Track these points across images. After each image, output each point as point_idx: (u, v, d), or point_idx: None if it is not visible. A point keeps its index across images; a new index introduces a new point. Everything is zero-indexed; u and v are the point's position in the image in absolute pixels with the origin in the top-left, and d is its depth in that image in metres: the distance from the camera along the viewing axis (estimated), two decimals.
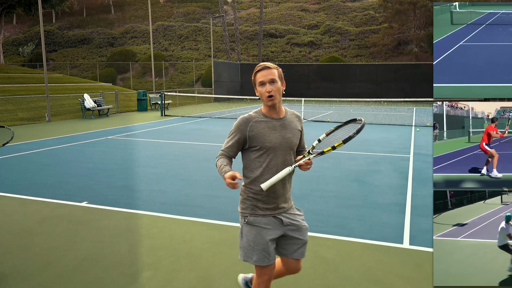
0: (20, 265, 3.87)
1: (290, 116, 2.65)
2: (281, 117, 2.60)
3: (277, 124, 2.57)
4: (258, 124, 2.55)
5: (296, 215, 2.70)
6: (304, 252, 2.72)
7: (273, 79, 2.50)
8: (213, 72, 31.06)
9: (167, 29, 50.73)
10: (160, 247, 4.30)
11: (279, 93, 2.54)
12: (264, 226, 2.58)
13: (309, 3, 55.79)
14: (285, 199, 2.64)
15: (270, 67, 2.52)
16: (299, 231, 2.68)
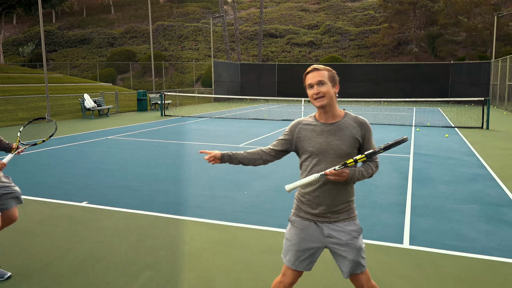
0: (20, 265, 3.87)
1: (346, 122, 2.46)
2: (332, 122, 2.47)
3: (325, 129, 2.46)
4: (306, 127, 2.52)
5: (345, 231, 2.49)
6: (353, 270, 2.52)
7: (321, 80, 2.42)
8: (213, 72, 31.06)
9: (167, 29, 50.74)
10: (160, 247, 4.30)
11: (329, 96, 2.41)
12: (303, 229, 2.55)
13: (309, 3, 55.79)
14: (333, 209, 2.48)
15: (319, 69, 2.44)
16: (344, 248, 2.50)
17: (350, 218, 2.52)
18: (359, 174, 2.45)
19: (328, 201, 2.47)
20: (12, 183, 3.57)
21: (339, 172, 2.35)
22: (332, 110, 2.47)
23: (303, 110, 19.32)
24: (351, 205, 2.53)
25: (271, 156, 2.68)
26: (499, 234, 4.65)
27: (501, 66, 24.91)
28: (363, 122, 2.48)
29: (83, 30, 54.25)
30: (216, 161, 2.67)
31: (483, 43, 36.91)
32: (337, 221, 2.50)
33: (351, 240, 2.48)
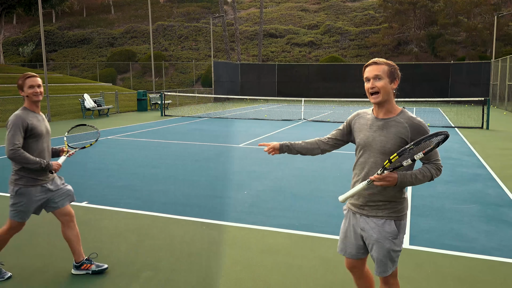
0: (20, 265, 3.87)
1: (398, 120, 2.40)
2: (385, 118, 2.43)
3: (376, 123, 2.45)
4: (361, 119, 2.56)
5: (378, 228, 2.45)
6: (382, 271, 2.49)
7: (377, 75, 2.38)
8: (213, 72, 31.07)
9: (167, 29, 50.74)
10: (160, 247, 4.30)
11: (385, 91, 2.38)
12: (347, 218, 2.63)
13: (309, 3, 55.79)
14: (371, 203, 2.47)
15: (377, 63, 2.40)
16: (372, 244, 2.48)
17: (389, 218, 2.45)
18: (412, 177, 2.35)
19: (367, 194, 2.48)
20: (64, 183, 3.71)
21: (383, 176, 2.30)
22: (387, 106, 2.43)
23: (303, 110, 19.32)
24: (394, 205, 2.45)
25: (328, 145, 2.74)
26: (499, 234, 4.65)
27: (501, 66, 24.91)
28: (417, 124, 2.37)
29: (83, 30, 54.26)
30: (275, 151, 2.76)
31: (483, 43, 36.91)
32: (374, 216, 2.47)
33: (382, 239, 2.44)
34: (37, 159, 3.36)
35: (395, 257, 2.47)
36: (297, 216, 5.25)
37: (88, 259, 3.74)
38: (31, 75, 3.43)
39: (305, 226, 4.89)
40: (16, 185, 3.41)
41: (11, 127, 3.31)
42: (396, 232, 2.44)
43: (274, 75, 36.40)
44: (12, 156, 3.28)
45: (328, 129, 14.38)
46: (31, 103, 3.45)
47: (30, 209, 3.49)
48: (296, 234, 4.66)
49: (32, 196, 3.44)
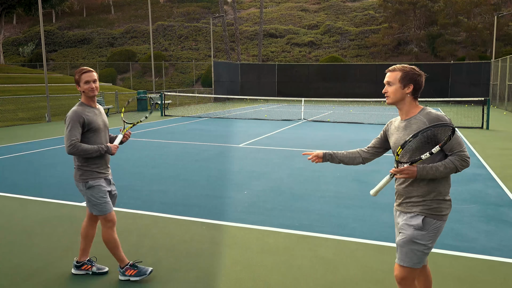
0: (20, 265, 3.87)
1: (417, 118, 2.56)
2: (405, 119, 2.62)
3: (401, 125, 2.64)
4: (392, 125, 2.75)
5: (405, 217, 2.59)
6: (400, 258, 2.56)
7: (389, 81, 2.61)
8: (213, 72, 31.06)
9: (167, 29, 50.73)
10: (160, 247, 4.30)
11: (394, 95, 2.59)
12: (395, 217, 2.74)
13: (309, 3, 55.79)
14: (407, 200, 2.59)
15: (392, 70, 2.62)
16: (400, 229, 2.61)
17: (421, 213, 2.53)
18: (433, 170, 2.46)
19: (404, 192, 2.61)
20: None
21: (401, 169, 2.46)
22: (405, 108, 2.61)
23: (303, 110, 19.32)
24: (428, 203, 2.53)
25: (369, 154, 2.91)
26: (499, 234, 4.65)
27: (501, 66, 24.91)
28: (434, 117, 2.49)
29: (83, 30, 54.25)
30: (319, 160, 2.91)
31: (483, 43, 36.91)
32: (409, 212, 2.59)
33: (404, 226, 2.56)
34: (95, 146, 3.41)
35: (417, 250, 2.50)
36: (297, 216, 5.25)
37: (90, 260, 3.75)
38: (87, 70, 3.46)
39: (305, 226, 4.89)
40: (83, 181, 3.45)
41: (68, 123, 3.35)
42: (421, 225, 2.51)
43: (274, 75, 36.40)
44: (71, 151, 3.32)
45: (328, 129, 14.39)
46: (87, 98, 3.50)
47: (108, 198, 3.52)
48: (296, 234, 4.66)
49: (101, 186, 3.49)
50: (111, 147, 3.54)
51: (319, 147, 10.51)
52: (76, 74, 3.45)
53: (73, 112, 3.39)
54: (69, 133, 3.33)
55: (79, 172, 3.47)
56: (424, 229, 2.51)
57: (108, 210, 3.50)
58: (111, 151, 3.52)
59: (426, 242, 2.51)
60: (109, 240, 3.52)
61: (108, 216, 3.50)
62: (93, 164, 3.47)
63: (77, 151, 3.32)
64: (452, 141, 2.47)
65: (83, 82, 3.42)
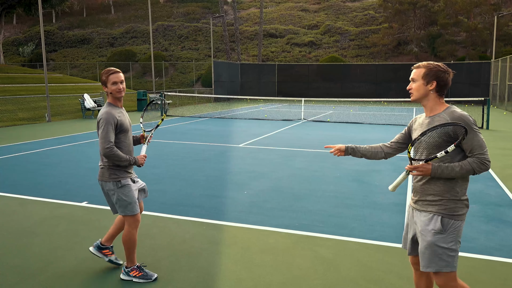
0: (20, 265, 3.87)
1: (441, 116, 2.55)
2: (429, 115, 2.62)
3: (424, 121, 2.63)
4: (416, 121, 2.74)
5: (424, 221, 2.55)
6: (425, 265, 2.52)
7: (413, 78, 2.63)
8: (213, 72, 31.06)
9: (167, 29, 50.73)
10: (160, 247, 4.30)
11: (417, 92, 2.61)
12: (408, 214, 2.77)
13: (309, 3, 55.78)
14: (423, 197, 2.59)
15: (416, 67, 2.64)
16: (420, 234, 2.56)
17: (437, 213, 2.52)
18: (448, 169, 2.45)
19: (420, 190, 2.61)
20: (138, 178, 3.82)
21: (415, 166, 2.49)
22: (429, 105, 2.61)
23: (303, 110, 19.32)
24: (445, 203, 2.51)
25: (392, 149, 2.91)
26: (499, 234, 4.65)
27: (501, 66, 24.91)
28: (457, 117, 2.47)
29: (83, 30, 54.25)
30: (341, 153, 2.93)
31: (483, 43, 36.91)
32: (425, 211, 2.58)
33: (424, 232, 2.53)
34: (127, 156, 3.45)
35: (442, 254, 2.47)
36: (297, 216, 5.25)
37: (112, 248, 3.85)
38: (114, 71, 3.46)
39: (305, 226, 4.89)
40: (115, 180, 3.46)
41: (103, 124, 3.36)
42: (440, 228, 2.48)
43: (274, 75, 36.40)
44: (108, 154, 3.35)
45: (328, 129, 14.39)
46: (115, 98, 3.52)
47: (135, 198, 3.55)
48: (296, 234, 4.66)
49: (131, 185, 3.53)
50: (138, 159, 3.57)
51: (319, 147, 10.51)
52: (103, 75, 3.45)
53: (107, 113, 3.39)
54: (106, 135, 3.35)
55: (109, 171, 3.46)
56: (443, 232, 2.48)
57: (137, 210, 3.55)
58: (138, 163, 3.57)
59: (448, 244, 2.47)
60: (130, 240, 3.53)
61: (136, 216, 3.55)
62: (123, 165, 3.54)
63: (112, 155, 3.36)
64: (473, 142, 2.44)
65: (110, 83, 3.43)
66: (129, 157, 3.47)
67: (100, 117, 3.41)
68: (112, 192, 3.47)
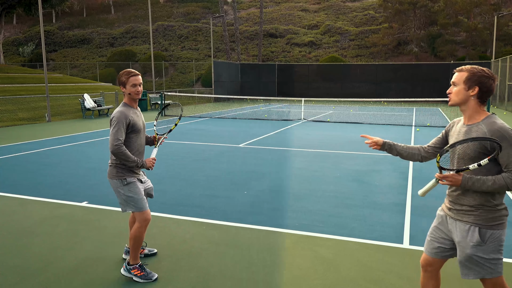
0: (20, 265, 3.87)
1: (479, 126, 2.40)
2: (469, 124, 2.48)
3: (462, 129, 2.51)
4: (454, 127, 2.64)
5: (461, 232, 2.46)
6: (465, 274, 2.47)
7: (454, 82, 2.51)
8: (213, 72, 31.07)
9: (167, 29, 50.74)
10: (160, 247, 4.30)
11: (456, 96, 2.48)
12: (438, 218, 2.69)
13: (309, 3, 55.79)
14: (457, 207, 2.51)
15: (459, 70, 2.51)
16: (458, 245, 2.49)
17: (474, 224, 2.43)
18: (479, 182, 2.35)
19: (454, 198, 2.54)
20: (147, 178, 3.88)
21: (444, 176, 2.40)
22: (468, 112, 2.48)
23: (303, 110, 19.32)
24: (482, 213, 2.41)
25: (429, 153, 2.80)
26: None
27: (501, 66, 24.91)
28: (496, 129, 2.33)
29: (83, 30, 54.26)
30: (377, 147, 2.85)
31: (483, 43, 36.92)
32: (460, 221, 2.50)
33: (463, 243, 2.45)
34: (135, 158, 3.50)
35: (484, 262, 2.40)
36: (297, 216, 5.25)
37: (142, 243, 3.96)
38: (135, 73, 3.52)
39: (305, 226, 4.89)
40: (120, 178, 3.52)
41: (115, 123, 3.44)
42: (479, 240, 2.39)
43: (274, 75, 36.41)
44: (115, 151, 3.43)
45: (328, 129, 14.39)
46: (131, 99, 3.58)
47: (142, 194, 3.59)
48: (296, 234, 4.66)
49: (137, 183, 3.58)
50: (146, 162, 3.60)
51: (319, 147, 10.51)
52: (122, 76, 3.51)
53: (120, 113, 3.46)
54: (116, 133, 3.44)
55: (115, 169, 3.55)
56: (482, 243, 2.39)
57: (145, 206, 3.57)
58: (145, 166, 3.60)
59: (488, 255, 2.39)
60: (138, 237, 3.55)
61: (145, 213, 3.57)
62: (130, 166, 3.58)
63: (120, 153, 3.43)
64: (509, 157, 2.30)
65: (130, 84, 3.50)
66: (137, 159, 3.51)
67: (113, 115, 3.50)
68: (119, 189, 3.53)
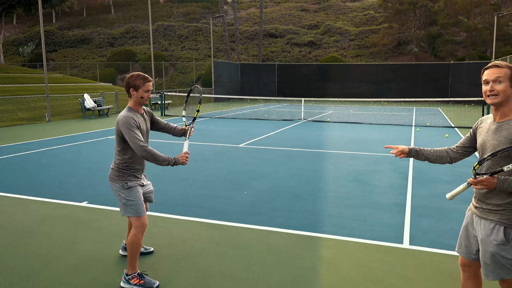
0: (20, 265, 3.87)
1: (511, 124, 2.35)
2: (500, 121, 2.41)
3: (492, 127, 2.44)
4: (483, 124, 2.55)
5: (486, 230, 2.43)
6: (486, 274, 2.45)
7: (498, 77, 2.36)
8: (213, 72, 31.06)
9: (167, 29, 50.73)
10: (160, 247, 4.30)
11: (504, 95, 2.35)
12: (466, 217, 2.67)
13: (309, 3, 55.78)
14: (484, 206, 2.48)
15: (499, 66, 2.38)
16: (481, 243, 2.46)
17: (499, 223, 2.40)
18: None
19: (482, 198, 2.50)
20: (148, 181, 3.88)
21: (479, 180, 2.34)
22: (504, 109, 2.40)
23: (303, 110, 19.32)
24: (508, 212, 2.38)
25: (458, 153, 2.74)
26: None
27: None
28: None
29: (83, 30, 54.25)
30: (404, 155, 2.79)
31: (483, 43, 36.91)
32: (486, 219, 2.47)
33: (486, 242, 2.43)
34: (166, 157, 3.44)
35: (505, 263, 2.38)
36: (297, 216, 5.25)
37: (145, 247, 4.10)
38: (150, 79, 3.52)
39: (305, 226, 4.89)
40: (122, 181, 3.50)
41: (127, 130, 3.37)
42: (503, 239, 2.37)
43: (274, 75, 36.40)
44: (144, 155, 3.36)
45: (328, 129, 14.39)
46: (138, 104, 3.56)
47: (141, 200, 3.56)
48: (296, 234, 4.66)
49: (138, 187, 3.57)
50: (179, 159, 3.51)
51: (319, 147, 10.51)
52: (137, 80, 3.46)
53: (125, 117, 3.42)
54: (134, 138, 3.36)
55: (117, 172, 3.51)
56: (507, 243, 2.37)
57: (142, 212, 3.53)
58: (179, 163, 3.51)
59: (511, 256, 2.37)
60: (135, 244, 3.50)
61: (141, 218, 3.53)
62: (133, 169, 3.55)
63: (149, 154, 3.36)
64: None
65: (144, 90, 3.48)
66: (168, 157, 3.45)
67: (120, 123, 3.41)
68: (119, 192, 3.51)
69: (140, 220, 3.52)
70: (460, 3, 36.28)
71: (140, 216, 3.51)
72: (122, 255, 4.07)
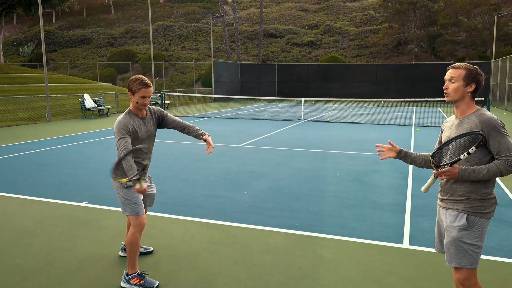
0: (20, 265, 3.87)
1: (470, 118, 2.56)
2: (459, 117, 2.63)
3: (454, 123, 2.66)
4: (447, 123, 2.75)
5: (450, 217, 2.61)
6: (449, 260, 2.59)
7: (452, 77, 2.60)
8: (213, 72, 31.06)
9: (167, 29, 50.73)
10: (160, 247, 4.30)
11: (455, 93, 2.58)
12: (438, 215, 2.80)
13: (309, 3, 55.78)
14: (450, 197, 2.63)
15: (456, 67, 2.60)
16: (446, 230, 2.62)
17: (463, 211, 2.56)
18: (475, 172, 2.48)
19: (447, 190, 2.65)
20: (152, 184, 3.90)
21: (442, 171, 2.51)
22: (462, 107, 2.62)
23: (303, 110, 19.32)
24: (471, 201, 2.54)
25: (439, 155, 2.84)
26: (499, 234, 4.65)
27: (501, 66, 24.91)
28: (486, 119, 2.49)
29: (83, 30, 54.25)
30: (392, 154, 2.89)
31: (483, 43, 36.91)
32: (451, 209, 2.62)
33: (450, 228, 2.58)
34: (133, 172, 3.28)
35: (467, 249, 2.53)
36: (297, 216, 5.25)
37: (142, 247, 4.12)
38: (147, 85, 3.45)
39: (305, 226, 4.89)
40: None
41: (116, 135, 3.39)
42: (466, 225, 2.53)
43: (274, 75, 36.41)
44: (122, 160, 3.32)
45: (328, 129, 14.38)
46: (137, 108, 3.54)
47: (140, 200, 3.55)
48: (296, 234, 4.66)
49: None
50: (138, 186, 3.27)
51: (319, 147, 10.51)
52: (134, 84, 3.42)
53: (119, 123, 3.43)
54: (120, 143, 3.35)
55: (118, 171, 3.52)
56: (468, 228, 2.53)
57: (141, 211, 3.53)
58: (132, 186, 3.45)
59: (473, 241, 2.52)
60: (133, 243, 3.50)
61: (140, 218, 3.53)
62: None
63: (124, 162, 3.31)
64: (500, 144, 2.46)
65: (140, 95, 3.45)
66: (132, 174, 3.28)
67: (114, 126, 3.47)
68: (119, 190, 3.52)
69: (138, 219, 3.52)
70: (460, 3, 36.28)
71: (138, 215, 3.52)
72: (122, 256, 4.07)
